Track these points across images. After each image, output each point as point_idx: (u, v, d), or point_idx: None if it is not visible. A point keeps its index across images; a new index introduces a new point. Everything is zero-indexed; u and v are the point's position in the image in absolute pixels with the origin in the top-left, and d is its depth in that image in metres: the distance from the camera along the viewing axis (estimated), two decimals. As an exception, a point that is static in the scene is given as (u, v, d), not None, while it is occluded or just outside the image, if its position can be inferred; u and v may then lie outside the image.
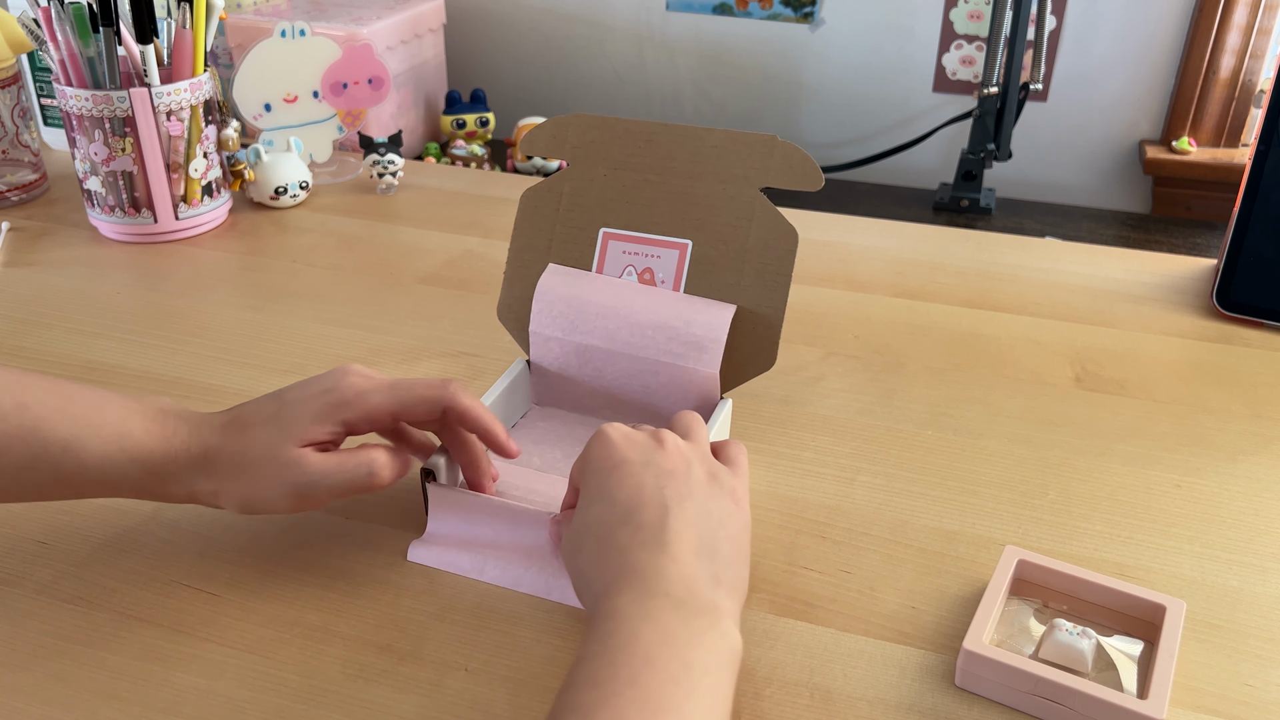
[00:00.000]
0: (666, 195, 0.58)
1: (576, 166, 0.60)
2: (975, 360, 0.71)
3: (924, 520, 0.56)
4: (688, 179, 0.58)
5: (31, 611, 0.49)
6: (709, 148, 0.58)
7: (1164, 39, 1.23)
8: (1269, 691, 0.45)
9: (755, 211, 0.57)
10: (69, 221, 0.92)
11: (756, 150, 0.57)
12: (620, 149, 0.59)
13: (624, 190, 0.59)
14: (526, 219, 0.61)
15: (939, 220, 1.20)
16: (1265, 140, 0.74)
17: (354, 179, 1.02)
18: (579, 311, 0.59)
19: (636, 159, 0.59)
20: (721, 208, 0.57)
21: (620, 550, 0.41)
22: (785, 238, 0.57)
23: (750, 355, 0.57)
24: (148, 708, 0.44)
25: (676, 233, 0.58)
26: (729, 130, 0.57)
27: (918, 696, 0.45)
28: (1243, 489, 0.59)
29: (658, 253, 0.59)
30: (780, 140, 0.56)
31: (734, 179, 0.57)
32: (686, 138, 0.58)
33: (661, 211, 0.59)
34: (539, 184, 0.61)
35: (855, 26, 1.32)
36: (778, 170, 0.56)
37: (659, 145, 0.59)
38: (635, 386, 0.59)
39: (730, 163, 0.57)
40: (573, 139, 0.60)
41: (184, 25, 0.84)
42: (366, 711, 0.44)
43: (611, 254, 0.59)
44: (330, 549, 0.53)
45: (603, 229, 0.60)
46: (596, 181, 0.60)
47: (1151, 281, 0.83)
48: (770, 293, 0.57)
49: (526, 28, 1.44)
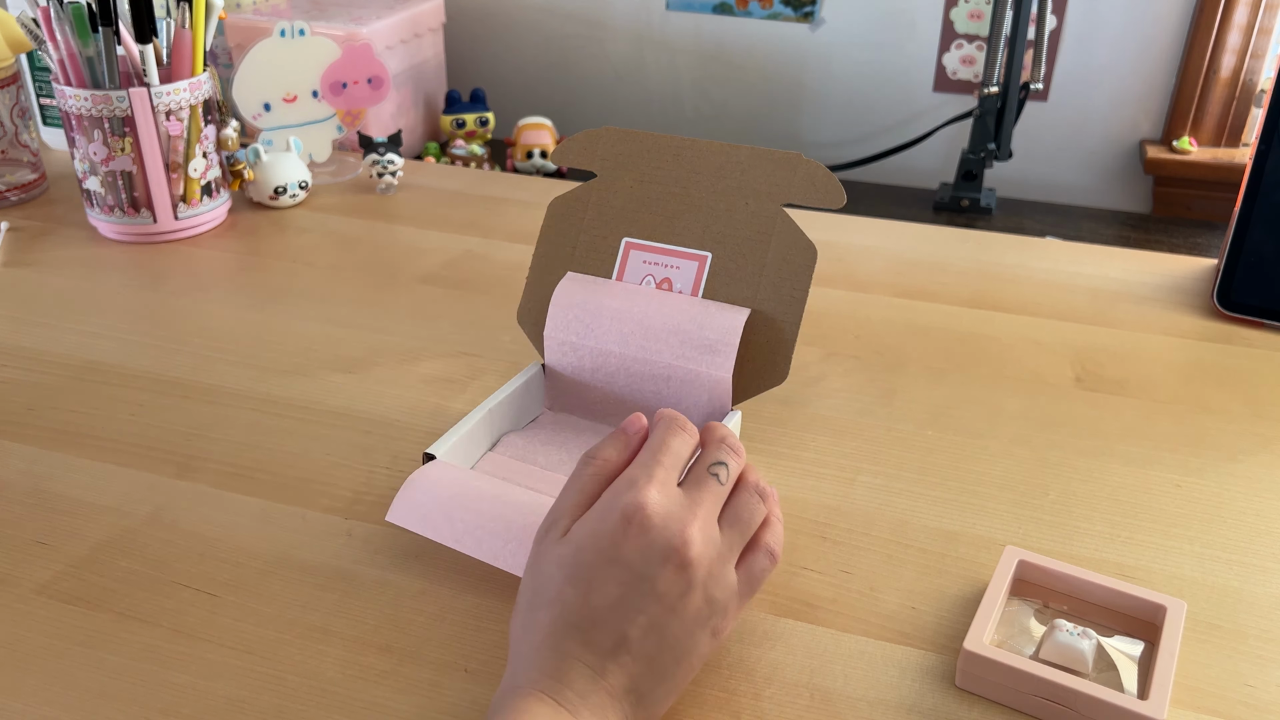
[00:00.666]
0: (689, 207, 0.59)
1: (604, 177, 0.61)
2: (975, 360, 0.71)
3: (924, 520, 0.56)
4: (711, 193, 0.59)
5: (31, 611, 0.49)
6: (734, 163, 0.59)
7: (1165, 39, 1.23)
8: (1269, 691, 0.45)
9: (776, 226, 0.57)
10: (68, 221, 0.92)
11: (781, 167, 0.58)
12: (648, 161, 0.60)
13: (648, 201, 0.60)
14: (553, 226, 0.62)
15: (939, 220, 1.20)
16: (1266, 140, 0.74)
17: (353, 179, 1.02)
18: (594, 316, 0.59)
19: (663, 171, 0.60)
20: (743, 222, 0.58)
21: (560, 656, 0.40)
22: (804, 253, 0.57)
23: (761, 367, 0.57)
24: (147, 708, 0.44)
25: (697, 244, 0.59)
26: (755, 147, 0.58)
27: (918, 697, 0.45)
28: (1243, 489, 0.59)
29: (677, 263, 0.59)
30: (805, 158, 0.57)
31: (757, 194, 0.58)
32: (713, 153, 0.59)
33: (684, 223, 0.59)
34: (567, 193, 0.62)
35: (855, 26, 1.32)
36: (801, 187, 0.57)
37: (685, 159, 0.60)
38: (647, 391, 0.59)
39: (754, 178, 0.58)
40: (603, 151, 0.61)
41: (183, 25, 0.84)
42: (366, 711, 0.43)
43: (632, 263, 0.60)
44: (330, 549, 0.53)
45: (625, 238, 0.60)
46: (622, 192, 0.61)
47: (1152, 281, 0.83)
48: (786, 307, 0.57)
49: (526, 28, 1.44)
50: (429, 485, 0.52)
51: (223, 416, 0.64)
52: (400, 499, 0.51)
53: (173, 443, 0.61)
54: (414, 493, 0.51)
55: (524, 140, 1.24)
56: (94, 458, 0.60)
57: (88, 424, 0.63)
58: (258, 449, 0.61)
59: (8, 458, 0.60)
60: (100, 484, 0.57)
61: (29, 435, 0.62)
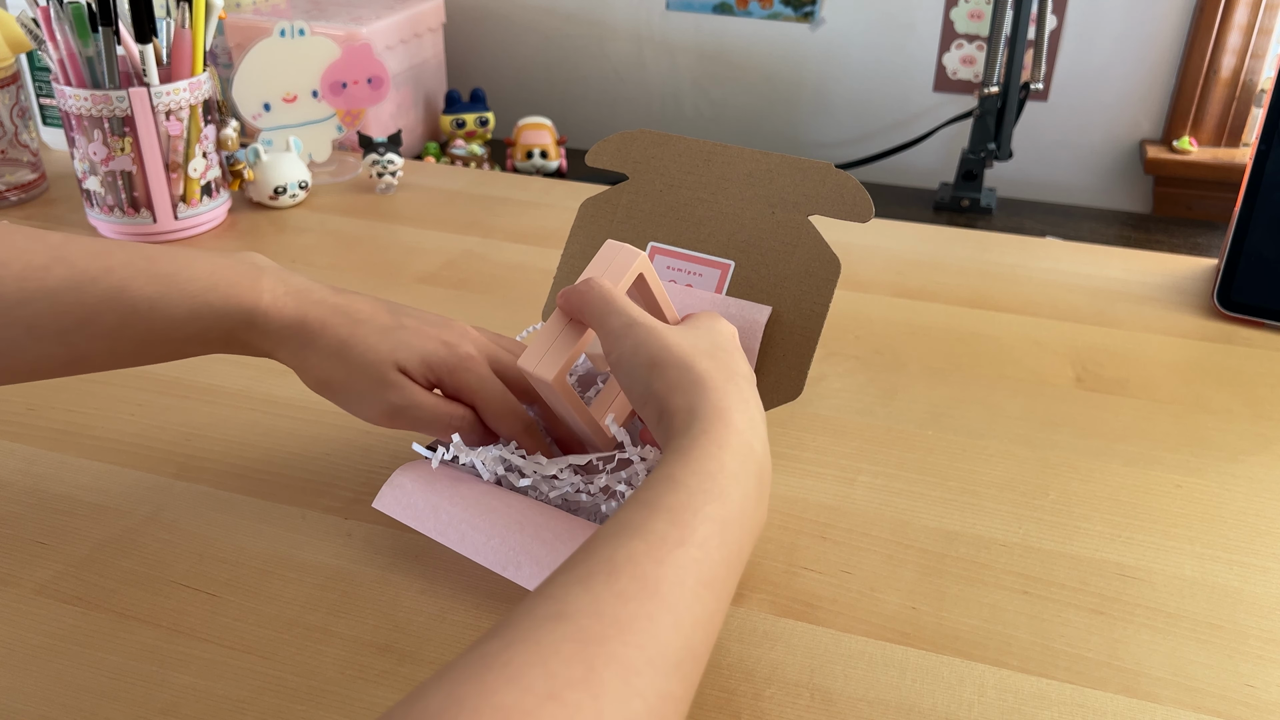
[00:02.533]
0: (716, 214, 0.59)
1: (635, 180, 0.61)
2: (975, 360, 0.71)
3: (924, 520, 0.56)
4: (739, 200, 0.59)
5: (31, 611, 0.49)
6: (764, 170, 0.58)
7: (1165, 38, 1.23)
8: (1269, 691, 0.45)
9: (801, 238, 0.57)
10: (68, 221, 0.92)
11: (810, 177, 0.57)
12: (678, 166, 0.60)
13: (676, 206, 0.60)
14: (582, 228, 0.62)
15: (939, 220, 1.20)
16: (1266, 140, 0.74)
17: (353, 179, 1.02)
18: None
19: (693, 177, 0.60)
20: (769, 231, 0.58)
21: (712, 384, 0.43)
22: (827, 266, 0.56)
23: (778, 381, 0.57)
24: (147, 708, 0.44)
25: (721, 252, 0.59)
26: (785, 155, 0.58)
27: (918, 697, 0.45)
28: (1243, 489, 0.58)
29: (700, 270, 0.59)
30: (835, 169, 0.57)
31: (784, 204, 0.58)
32: (743, 159, 0.59)
33: (709, 230, 0.59)
34: (598, 195, 0.62)
35: (855, 26, 1.32)
36: (829, 199, 0.57)
37: (715, 165, 0.60)
38: None
39: (783, 187, 0.58)
40: (635, 153, 0.61)
41: (183, 25, 0.84)
42: (366, 711, 0.43)
43: (656, 268, 0.60)
44: (330, 549, 0.53)
45: (651, 243, 0.60)
46: (652, 196, 0.61)
47: (1152, 281, 0.83)
48: (805, 319, 0.56)
49: (526, 28, 1.44)
50: (418, 476, 0.52)
51: (223, 416, 0.64)
52: (388, 488, 0.52)
53: (173, 443, 0.61)
54: (404, 481, 0.52)
55: (524, 140, 1.24)
56: (94, 458, 0.60)
57: (87, 424, 0.63)
58: (258, 449, 0.60)
59: (7, 458, 0.60)
60: (100, 484, 0.57)
61: (29, 435, 0.62)
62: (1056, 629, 0.48)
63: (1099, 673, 0.46)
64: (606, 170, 0.62)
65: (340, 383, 0.50)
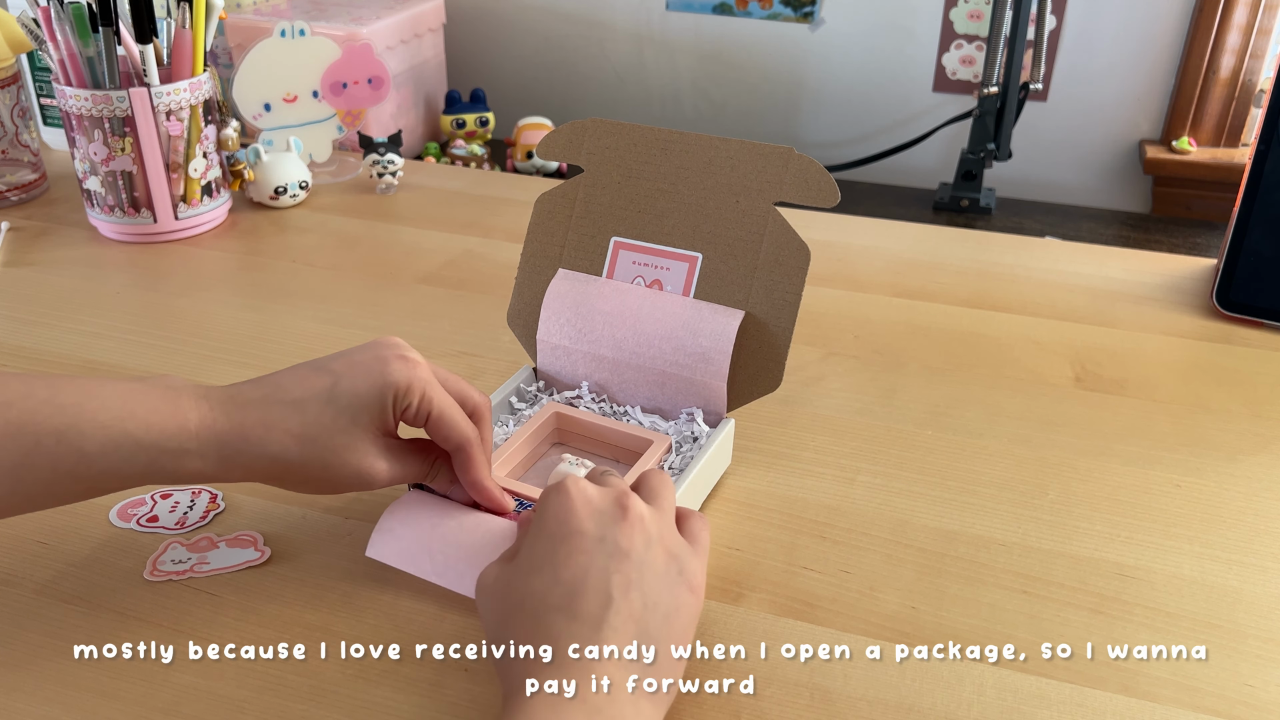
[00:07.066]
0: (679, 206, 0.58)
1: (591, 173, 0.59)
2: (975, 360, 0.71)
3: (924, 520, 0.56)
4: (701, 190, 0.57)
5: (31, 611, 0.49)
6: (723, 158, 0.57)
7: (1164, 39, 1.23)
8: (1269, 691, 0.45)
9: (768, 226, 0.56)
10: (68, 221, 0.92)
11: (772, 162, 0.56)
12: (634, 156, 0.58)
13: (636, 199, 0.58)
14: (540, 225, 0.61)
15: (939, 220, 1.20)
16: (1265, 140, 0.74)
17: (354, 179, 1.02)
18: (587, 320, 0.58)
19: (650, 167, 0.58)
20: (734, 221, 0.56)
21: (552, 639, 0.39)
22: (797, 254, 0.55)
23: (755, 374, 0.56)
24: (148, 708, 0.44)
25: (687, 245, 0.57)
26: (744, 140, 0.56)
27: (917, 696, 0.45)
28: (1243, 489, 0.59)
29: (667, 264, 0.58)
30: (796, 153, 0.55)
31: (747, 191, 0.56)
32: (701, 146, 0.57)
33: (673, 222, 0.58)
34: (553, 189, 0.60)
35: (855, 26, 1.32)
36: (792, 184, 0.55)
37: (673, 153, 0.58)
38: (641, 397, 0.59)
39: (744, 174, 0.56)
40: (589, 144, 0.59)
41: (183, 25, 0.84)
42: (366, 711, 0.43)
43: (621, 264, 0.59)
44: (330, 549, 0.53)
45: (614, 238, 0.59)
46: (610, 189, 0.59)
47: (1151, 281, 0.83)
48: (779, 310, 0.55)
49: (526, 28, 1.44)
50: (406, 518, 0.50)
51: (223, 416, 0.64)
52: (377, 534, 0.50)
53: (173, 443, 0.61)
54: (392, 525, 0.50)
55: (524, 140, 1.24)
56: (94, 458, 0.60)
57: (88, 424, 0.63)
58: (258, 449, 0.60)
59: (8, 458, 0.60)
60: (100, 484, 0.57)
61: (29, 435, 0.62)
62: (1056, 628, 0.48)
63: (1098, 672, 0.46)
64: (574, 165, 0.60)
65: (305, 475, 0.47)
